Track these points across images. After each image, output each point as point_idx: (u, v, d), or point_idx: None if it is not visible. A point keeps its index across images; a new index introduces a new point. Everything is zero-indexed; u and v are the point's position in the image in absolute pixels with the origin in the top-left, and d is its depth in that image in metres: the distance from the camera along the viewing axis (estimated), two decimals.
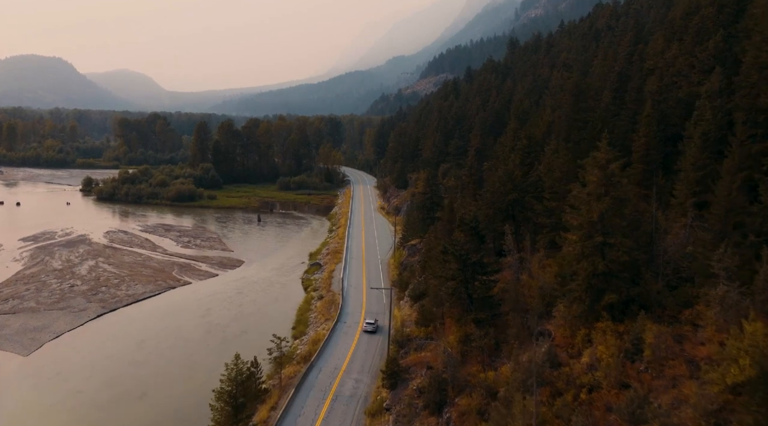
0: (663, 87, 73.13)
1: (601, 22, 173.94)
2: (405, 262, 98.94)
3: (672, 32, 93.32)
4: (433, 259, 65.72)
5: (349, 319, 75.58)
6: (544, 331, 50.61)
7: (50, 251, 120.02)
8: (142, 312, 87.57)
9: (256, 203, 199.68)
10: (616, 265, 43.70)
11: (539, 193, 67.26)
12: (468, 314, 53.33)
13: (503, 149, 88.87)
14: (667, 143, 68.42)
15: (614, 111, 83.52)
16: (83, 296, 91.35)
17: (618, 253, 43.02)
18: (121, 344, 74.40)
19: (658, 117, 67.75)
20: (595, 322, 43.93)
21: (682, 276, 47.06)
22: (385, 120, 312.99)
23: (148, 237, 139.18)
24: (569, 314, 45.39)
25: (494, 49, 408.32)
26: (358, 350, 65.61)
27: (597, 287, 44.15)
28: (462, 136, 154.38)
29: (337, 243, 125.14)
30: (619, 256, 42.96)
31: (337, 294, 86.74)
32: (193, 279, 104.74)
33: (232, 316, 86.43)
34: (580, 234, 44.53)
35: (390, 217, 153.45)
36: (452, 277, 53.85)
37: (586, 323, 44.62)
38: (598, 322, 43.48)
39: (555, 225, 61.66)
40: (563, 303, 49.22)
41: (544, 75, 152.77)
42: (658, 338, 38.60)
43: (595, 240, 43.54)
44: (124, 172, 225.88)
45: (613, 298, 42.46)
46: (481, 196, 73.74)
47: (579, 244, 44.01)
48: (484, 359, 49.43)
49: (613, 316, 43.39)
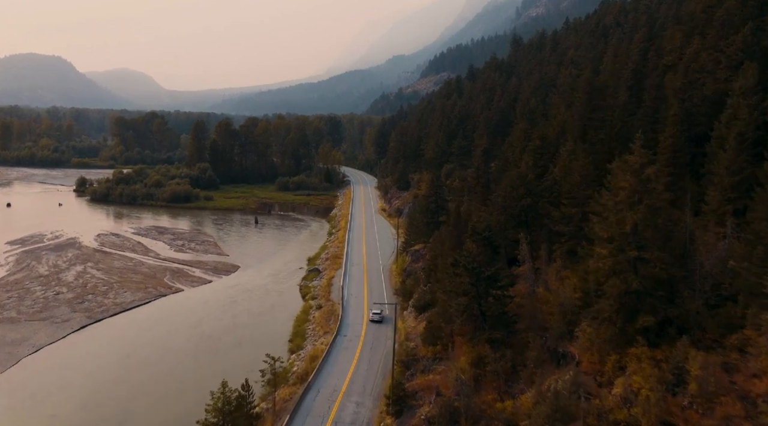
0: (687, 84, 68.16)
1: (609, 19, 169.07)
2: (408, 269, 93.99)
3: (691, 26, 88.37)
4: (441, 270, 60.74)
5: (350, 332, 70.52)
6: (567, 353, 45.65)
7: (37, 256, 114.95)
8: (129, 322, 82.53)
9: (254, 204, 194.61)
10: (651, 282, 38.74)
11: (555, 198, 62.32)
12: (481, 333, 48.31)
13: (513, 150, 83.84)
14: (692, 144, 63.40)
15: (631, 110, 78.40)
16: (68, 305, 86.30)
17: (654, 268, 38.04)
18: (103, 359, 69.31)
19: (683, 116, 62.73)
20: (628, 346, 38.94)
21: (722, 294, 42.00)
22: (385, 119, 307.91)
23: (141, 240, 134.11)
24: (597, 337, 40.33)
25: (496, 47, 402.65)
26: (360, 368, 60.56)
27: (629, 307, 39.20)
28: (466, 136, 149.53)
29: (337, 247, 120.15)
30: (655, 272, 37.99)
31: (337, 304, 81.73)
32: (185, 286, 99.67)
33: (225, 326, 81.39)
34: (611, 248, 39.49)
35: (391, 220, 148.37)
36: (464, 292, 48.83)
37: (617, 348, 39.61)
38: (631, 347, 38.46)
39: (574, 233, 56.73)
40: (588, 322, 44.28)
41: (551, 73, 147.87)
42: (706, 369, 33.59)
43: (628, 254, 38.53)
44: (119, 172, 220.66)
45: (649, 321, 37.42)
46: (492, 201, 68.65)
47: (610, 259, 38.93)
48: (500, 385, 44.42)
49: (649, 340, 38.40)
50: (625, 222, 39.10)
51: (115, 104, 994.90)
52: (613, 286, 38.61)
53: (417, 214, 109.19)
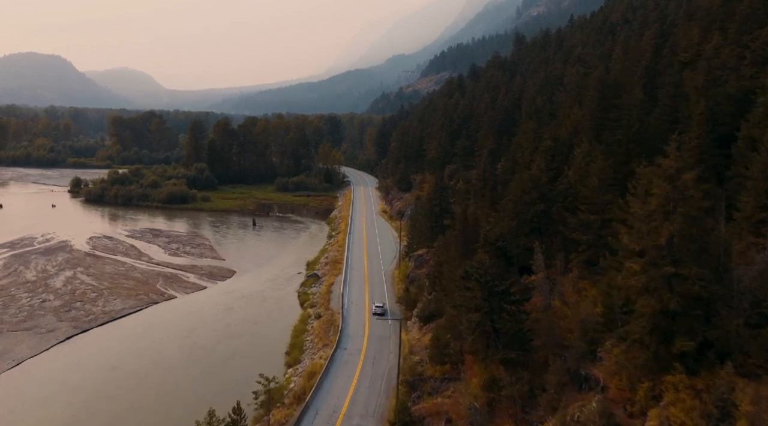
0: (710, 81, 64.02)
1: (617, 16, 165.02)
2: (411, 275, 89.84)
3: (708, 21, 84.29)
4: (448, 278, 56.63)
5: (350, 345, 66.32)
6: (590, 376, 41.52)
7: (26, 260, 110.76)
8: (119, 332, 78.42)
9: (252, 205, 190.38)
10: (688, 300, 34.64)
11: (570, 204, 58.15)
12: (494, 353, 44.15)
13: (522, 151, 79.67)
14: (715, 145, 59.24)
15: (647, 109, 74.22)
16: (54, 314, 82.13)
17: (693, 286, 33.93)
18: (89, 374, 65.13)
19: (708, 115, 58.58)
20: (663, 372, 34.81)
21: (764, 312, 37.95)
22: (386, 119, 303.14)
23: (134, 243, 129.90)
24: (627, 362, 36.17)
25: (497, 46, 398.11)
26: (361, 385, 56.39)
27: (664, 328, 35.09)
28: (469, 136, 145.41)
29: (337, 251, 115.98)
30: (694, 289, 33.88)
31: (337, 313, 77.56)
32: (178, 292, 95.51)
33: (219, 336, 77.27)
34: (643, 262, 35.34)
35: (393, 222, 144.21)
36: (475, 307, 44.66)
37: (650, 373, 35.48)
38: (666, 373, 34.33)
39: (593, 242, 52.58)
40: (613, 342, 40.21)
41: (557, 71, 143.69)
42: (758, 404, 29.48)
43: (664, 270, 34.39)
44: (114, 173, 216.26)
45: (689, 346, 33.29)
46: (502, 206, 64.45)
47: (643, 276, 34.77)
48: (516, 412, 40.30)
49: (686, 366, 34.28)
50: (659, 233, 34.95)
51: (115, 103, 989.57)
52: (646, 305, 34.46)
53: (420, 217, 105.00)
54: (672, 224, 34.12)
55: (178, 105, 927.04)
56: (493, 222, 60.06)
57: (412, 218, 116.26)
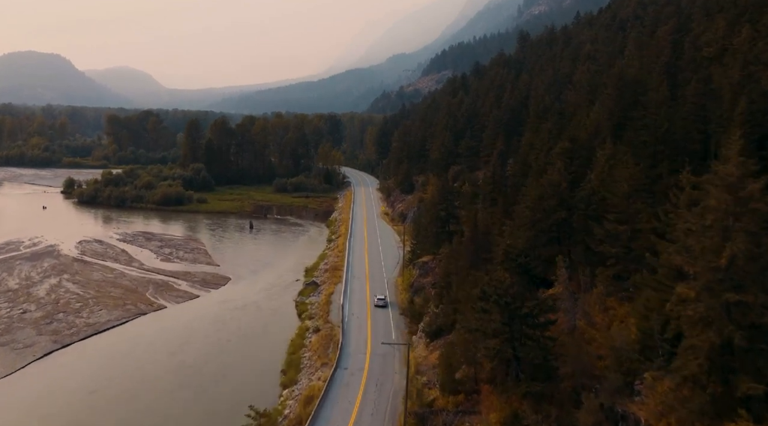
0: (745, 77, 58.61)
1: (627, 12, 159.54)
2: (416, 284, 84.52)
3: (736, 14, 78.85)
4: (461, 297, 51.23)
5: (351, 364, 60.85)
6: (628, 414, 36.12)
7: (10, 266, 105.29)
8: (102, 347, 72.94)
9: (250, 207, 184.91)
10: (752, 333, 29.25)
11: (593, 212, 52.73)
12: (516, 385, 38.71)
13: (536, 153, 74.22)
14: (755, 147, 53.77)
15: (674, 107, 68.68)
16: (34, 326, 76.69)
17: (760, 317, 28.53)
18: (65, 396, 59.58)
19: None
20: (722, 417, 29.42)
21: None
22: (387, 118, 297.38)
23: (125, 248, 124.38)
24: (679, 405, 30.72)
25: (499, 45, 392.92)
26: (363, 412, 50.92)
27: (723, 366, 29.72)
28: (474, 136, 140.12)
29: (337, 256, 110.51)
30: (762, 321, 28.48)
31: (337, 327, 72.08)
32: (169, 302, 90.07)
33: (210, 352, 71.78)
34: (698, 287, 29.91)
35: (395, 225, 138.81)
36: (494, 332, 39.24)
37: (707, 419, 30.08)
38: (729, 420, 28.91)
39: (622, 255, 47.14)
40: (656, 376, 34.84)
41: (565, 69, 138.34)
42: None
43: (725, 298, 28.99)
44: (108, 173, 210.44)
45: (758, 390, 27.86)
46: (518, 213, 58.96)
47: (701, 305, 29.32)
48: None
49: (752, 412, 28.86)
50: (716, 253, 29.52)
51: (115, 102, 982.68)
52: (704, 339, 29.02)
53: (424, 221, 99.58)
54: (735, 243, 28.65)
55: (177, 104, 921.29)
56: (509, 231, 54.53)
57: (415, 222, 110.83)
